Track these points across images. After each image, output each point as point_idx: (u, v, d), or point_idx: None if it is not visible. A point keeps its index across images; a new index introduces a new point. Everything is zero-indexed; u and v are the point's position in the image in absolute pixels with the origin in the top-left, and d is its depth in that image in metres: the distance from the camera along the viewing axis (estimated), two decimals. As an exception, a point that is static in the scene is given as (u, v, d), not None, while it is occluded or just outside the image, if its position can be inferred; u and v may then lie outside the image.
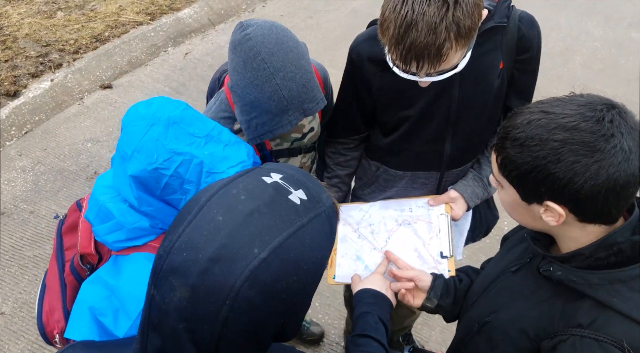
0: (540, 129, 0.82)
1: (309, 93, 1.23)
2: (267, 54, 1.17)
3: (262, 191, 0.65)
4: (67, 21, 4.35)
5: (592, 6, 5.52)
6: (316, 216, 0.66)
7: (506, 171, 0.88)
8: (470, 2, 1.06)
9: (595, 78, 4.37)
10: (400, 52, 1.10)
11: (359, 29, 1.52)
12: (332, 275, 1.50)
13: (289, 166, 0.73)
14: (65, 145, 3.42)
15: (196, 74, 4.09)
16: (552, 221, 0.87)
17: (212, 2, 4.84)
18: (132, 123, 1.12)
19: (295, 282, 0.62)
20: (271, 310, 0.62)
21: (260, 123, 1.23)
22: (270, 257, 0.60)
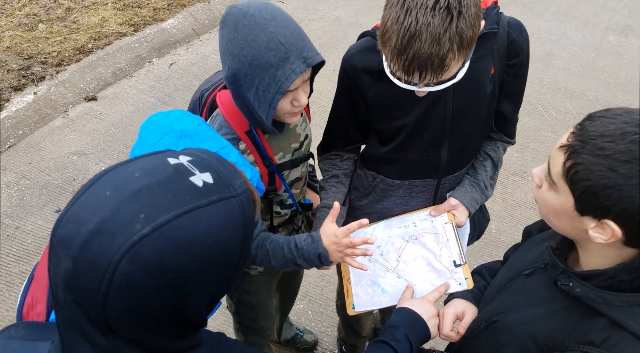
0: (637, 146, 0.74)
1: (305, 43, 1.20)
2: (256, 10, 1.16)
3: (159, 171, 0.65)
4: (49, 33, 4.31)
5: (569, 11, 5.65)
6: (220, 200, 0.66)
7: (575, 178, 0.80)
8: (473, 13, 1.07)
9: (575, 81, 4.46)
10: (403, 63, 1.10)
11: (343, 37, 1.54)
12: (351, 304, 1.48)
13: (205, 151, 0.73)
14: (50, 159, 3.38)
15: (182, 85, 4.08)
16: (599, 238, 0.81)
17: (196, 13, 4.84)
18: (148, 130, 1.16)
19: (185, 262, 0.62)
20: (156, 289, 0.61)
21: (266, 87, 1.18)
22: (154, 234, 0.60)
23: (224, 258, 0.67)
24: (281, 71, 1.17)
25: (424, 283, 1.44)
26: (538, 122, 3.90)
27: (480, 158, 1.59)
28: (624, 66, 4.72)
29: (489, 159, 1.58)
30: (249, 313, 1.83)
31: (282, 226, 1.63)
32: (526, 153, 3.62)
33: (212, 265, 0.65)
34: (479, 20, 1.12)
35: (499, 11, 1.35)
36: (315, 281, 2.72)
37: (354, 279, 1.53)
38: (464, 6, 1.06)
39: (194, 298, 0.67)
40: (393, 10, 1.09)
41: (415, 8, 1.05)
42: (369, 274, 1.50)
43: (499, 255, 2.93)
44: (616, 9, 5.77)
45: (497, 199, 3.26)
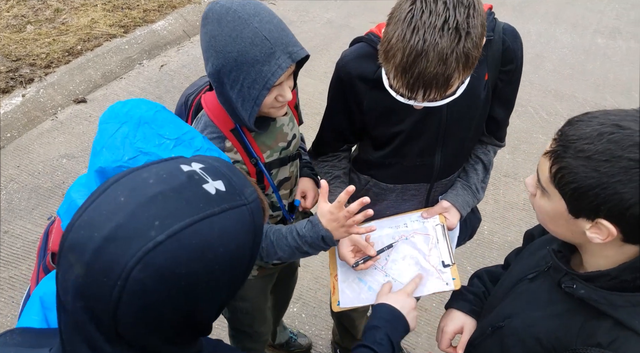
0: (614, 145, 0.77)
1: (290, 37, 1.19)
2: (239, 6, 1.15)
3: (173, 177, 0.65)
4: (37, 35, 4.26)
5: (558, 14, 5.70)
6: (232, 208, 0.66)
7: (562, 182, 0.83)
8: (479, 33, 1.07)
9: (565, 83, 4.50)
10: (407, 81, 1.09)
11: (335, 39, 1.53)
12: (337, 301, 1.48)
13: (217, 159, 0.73)
14: (39, 162, 3.33)
15: (173, 86, 4.05)
16: (596, 239, 0.83)
17: (187, 14, 4.82)
18: (106, 121, 1.13)
19: (198, 269, 0.62)
20: (168, 296, 0.61)
21: (251, 83, 1.18)
22: (169, 241, 0.59)
23: (235, 265, 0.67)
24: (267, 66, 1.16)
25: None
26: (529, 124, 3.92)
27: (472, 161, 1.60)
28: (613, 68, 4.77)
29: (480, 163, 1.59)
30: (244, 318, 1.81)
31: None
32: (517, 155, 3.64)
33: (223, 272, 0.65)
34: (484, 38, 1.11)
35: (494, 17, 1.35)
36: (309, 284, 2.70)
37: (341, 276, 1.53)
38: (472, 26, 1.04)
39: (204, 305, 0.66)
40: (399, 27, 1.06)
41: (423, 27, 1.03)
42: (356, 271, 1.50)
43: (491, 255, 2.95)
44: (604, 12, 5.83)
45: (489, 200, 3.28)
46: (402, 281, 1.45)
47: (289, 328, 2.44)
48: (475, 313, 1.28)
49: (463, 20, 1.04)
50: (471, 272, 2.89)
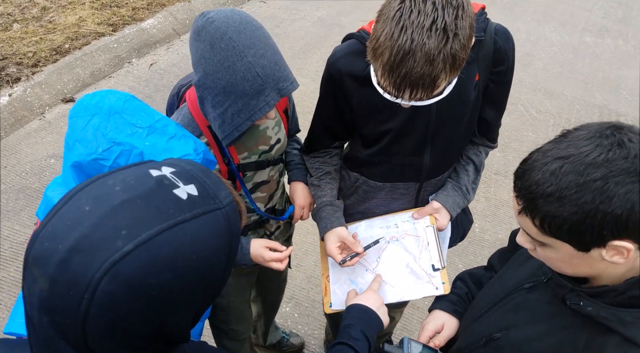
0: (571, 176, 0.76)
1: (282, 72, 1.19)
2: (234, 33, 1.13)
3: (141, 183, 0.62)
4: (24, 33, 4.20)
5: (547, 12, 5.74)
6: (205, 213, 0.64)
7: (552, 229, 0.81)
8: (467, 34, 1.06)
9: (555, 81, 4.52)
10: (394, 80, 1.09)
11: (326, 37, 1.53)
12: (329, 303, 1.49)
13: (190, 162, 0.71)
14: (27, 162, 3.29)
15: (162, 85, 4.02)
16: (619, 259, 0.79)
17: (176, 12, 4.78)
18: (76, 115, 1.11)
19: (169, 279, 0.59)
20: (138, 307, 0.59)
21: (236, 112, 1.17)
22: (137, 251, 0.57)
23: (210, 272, 0.65)
24: (255, 101, 1.17)
25: (401, 284, 1.45)
26: (519, 122, 3.94)
27: (463, 162, 1.60)
28: (601, 66, 4.80)
29: (472, 164, 1.59)
30: (220, 314, 1.79)
31: (252, 230, 1.60)
32: (508, 153, 3.66)
33: (197, 279, 0.63)
34: (472, 40, 1.11)
35: (486, 17, 1.34)
36: (301, 283, 2.70)
37: (332, 277, 1.53)
38: (460, 28, 1.04)
39: (178, 314, 0.64)
40: (387, 25, 1.06)
41: (411, 27, 1.03)
42: (347, 272, 1.51)
43: (483, 253, 2.96)
44: (592, 10, 5.88)
45: (481, 198, 3.29)
46: (392, 284, 1.45)
47: (281, 328, 2.42)
48: (458, 313, 1.28)
49: (451, 21, 1.03)
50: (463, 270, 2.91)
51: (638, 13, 5.94)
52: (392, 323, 2.25)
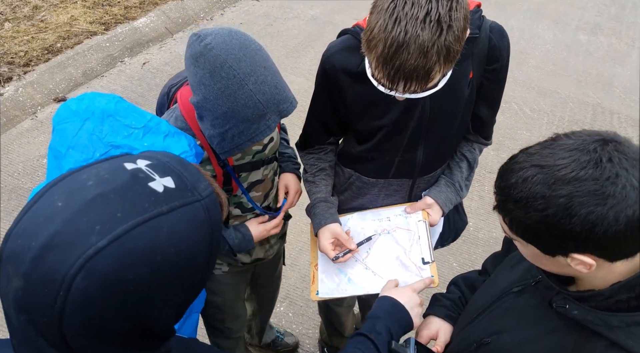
0: (539, 186, 0.78)
1: (281, 94, 1.19)
2: (234, 61, 1.12)
3: (115, 177, 0.61)
4: (15, 32, 4.17)
5: (540, 10, 5.75)
6: (183, 206, 0.63)
7: (519, 231, 0.84)
8: (461, 26, 1.06)
9: (548, 79, 4.53)
10: (388, 73, 1.09)
11: (319, 36, 1.52)
12: (315, 291, 1.48)
13: (166, 154, 0.70)
14: (19, 162, 3.26)
15: (155, 84, 4.00)
16: (583, 269, 0.81)
17: (169, 11, 4.75)
18: (64, 121, 1.08)
19: (146, 274, 0.59)
20: (116, 303, 0.58)
21: (237, 133, 1.18)
22: (111, 246, 0.56)
23: (190, 266, 0.64)
24: (256, 125, 1.17)
25: (390, 276, 1.44)
26: (513, 120, 3.95)
27: (457, 159, 1.60)
28: (595, 64, 4.82)
29: (465, 160, 1.59)
30: (215, 313, 1.79)
31: None
32: (502, 151, 3.66)
33: (176, 273, 0.62)
34: (466, 32, 1.11)
35: (481, 15, 1.34)
36: (295, 282, 2.69)
37: (321, 266, 1.53)
38: (454, 20, 1.04)
39: (158, 310, 0.63)
40: (381, 17, 1.06)
41: (405, 18, 1.03)
42: (336, 264, 1.51)
43: (477, 252, 2.96)
44: (585, 8, 5.90)
45: (474, 197, 3.29)
46: (381, 275, 1.45)
47: (276, 327, 2.42)
48: (452, 318, 1.27)
49: (445, 13, 1.03)
50: (457, 268, 2.91)
51: (631, 11, 5.96)
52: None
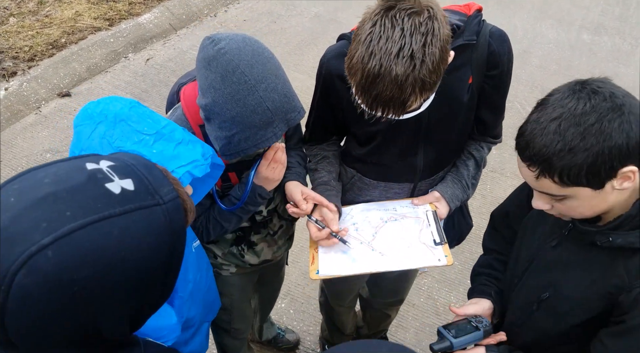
0: (572, 129, 0.89)
1: (290, 103, 1.20)
2: (247, 67, 1.13)
3: (71, 176, 0.61)
4: (20, 27, 4.18)
5: (544, 9, 5.73)
6: (139, 209, 0.62)
7: (571, 178, 0.92)
8: (437, 58, 1.07)
9: (551, 79, 4.52)
10: (367, 100, 1.12)
11: (322, 33, 1.53)
12: (315, 270, 1.45)
13: (134, 156, 0.69)
14: (23, 157, 3.28)
15: (159, 80, 4.01)
16: (628, 185, 0.93)
17: (173, 7, 4.76)
18: (81, 123, 1.09)
19: (92, 276, 0.57)
20: (57, 303, 0.57)
21: (244, 138, 1.19)
22: (56, 244, 0.55)
23: (144, 271, 0.63)
24: (263, 132, 1.18)
25: (401, 255, 1.42)
26: (516, 119, 3.95)
27: (464, 157, 1.60)
28: (598, 64, 4.81)
29: (472, 159, 1.59)
30: (222, 315, 1.80)
31: (255, 231, 1.60)
32: (504, 150, 3.66)
33: (128, 278, 0.61)
34: (445, 63, 1.12)
35: (481, 20, 1.34)
36: (297, 279, 2.70)
37: (322, 248, 1.50)
38: (428, 54, 1.05)
39: (104, 314, 0.62)
40: (359, 48, 1.08)
41: (380, 53, 1.05)
42: (340, 245, 1.47)
43: (478, 251, 2.91)
44: (589, 8, 5.88)
45: (477, 196, 3.29)
46: (389, 255, 1.43)
47: (277, 324, 2.43)
48: (484, 293, 1.32)
49: (419, 48, 1.04)
50: (459, 267, 2.92)
51: (635, 10, 5.94)
52: (387, 320, 2.27)
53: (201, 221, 1.43)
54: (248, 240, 1.61)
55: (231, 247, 1.61)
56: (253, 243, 1.62)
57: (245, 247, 1.62)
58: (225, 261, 1.65)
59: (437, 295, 2.72)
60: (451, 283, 2.76)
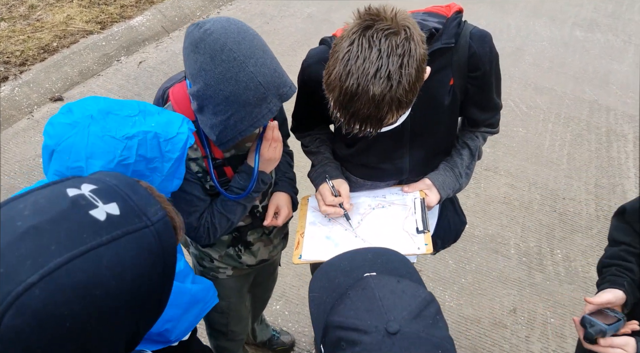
0: None
1: (281, 78, 1.20)
2: (234, 44, 1.13)
3: (53, 205, 0.58)
4: (11, 32, 4.16)
5: (537, 7, 5.74)
6: (128, 233, 0.60)
7: None
8: (413, 78, 1.08)
9: (545, 76, 4.53)
10: (345, 116, 1.14)
11: (315, 34, 1.53)
12: (298, 255, 1.46)
13: (116, 176, 0.67)
14: (15, 162, 3.26)
15: (152, 83, 3.99)
16: None
17: (165, 10, 4.75)
18: (66, 137, 1.04)
19: (85, 309, 0.56)
20: (50, 339, 0.55)
21: (240, 119, 1.18)
22: (43, 282, 0.54)
23: (138, 296, 0.62)
24: (258, 108, 1.17)
25: (380, 243, 1.41)
26: (509, 117, 3.95)
27: (458, 147, 1.60)
28: (591, 61, 4.82)
29: (467, 148, 1.59)
30: (219, 318, 1.79)
31: (251, 230, 1.60)
32: (498, 148, 3.67)
33: (122, 305, 0.60)
34: (420, 81, 1.13)
35: (461, 21, 1.33)
36: (292, 281, 2.70)
37: (308, 233, 1.51)
38: (404, 75, 1.06)
39: (104, 342, 0.60)
40: (337, 66, 1.09)
41: (357, 72, 1.06)
42: (325, 230, 1.50)
43: (473, 249, 2.97)
44: (582, 5, 5.89)
45: (470, 194, 3.30)
46: (371, 243, 1.44)
47: (272, 326, 2.43)
48: (617, 284, 1.32)
49: (395, 69, 1.05)
50: (453, 266, 2.92)
51: (628, 7, 5.96)
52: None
53: (205, 218, 1.42)
54: (245, 240, 1.60)
55: (228, 249, 1.60)
56: (250, 243, 1.62)
57: (242, 248, 1.61)
58: (222, 264, 1.65)
59: (432, 294, 2.72)
60: (445, 281, 2.76)
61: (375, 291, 0.76)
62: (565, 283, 2.80)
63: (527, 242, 3.02)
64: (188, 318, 1.18)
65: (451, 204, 1.76)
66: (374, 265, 0.85)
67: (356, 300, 0.77)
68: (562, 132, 3.89)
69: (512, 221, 3.14)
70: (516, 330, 2.56)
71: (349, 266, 0.86)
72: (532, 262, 2.91)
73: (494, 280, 2.79)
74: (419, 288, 0.79)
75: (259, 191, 1.44)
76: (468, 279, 2.79)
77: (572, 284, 2.79)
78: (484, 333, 2.54)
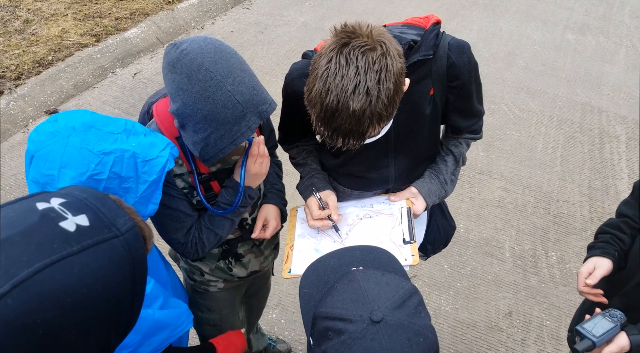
0: None
1: (260, 95, 1.21)
2: (211, 63, 1.14)
3: (23, 219, 0.61)
4: (6, 46, 4.19)
5: (529, 11, 5.79)
6: (97, 244, 0.62)
7: None
8: (392, 92, 1.10)
9: (537, 80, 4.56)
10: (327, 131, 1.16)
11: (310, 42, 1.54)
12: (287, 269, 1.48)
13: (85, 189, 0.69)
14: (11, 176, 3.28)
15: (147, 94, 4.02)
16: None
17: (160, 21, 4.78)
18: (44, 145, 1.05)
19: (57, 317, 0.57)
20: (24, 348, 0.56)
21: (219, 137, 1.18)
22: (14, 291, 0.55)
23: (110, 304, 0.63)
24: (237, 127, 1.18)
25: None
26: (502, 121, 3.98)
27: (442, 154, 1.62)
28: (583, 64, 4.85)
29: (451, 155, 1.61)
30: (211, 330, 1.79)
31: (241, 242, 1.60)
32: (492, 152, 3.69)
33: (93, 313, 0.61)
34: (400, 93, 1.15)
35: (438, 33, 1.35)
36: (287, 289, 2.71)
37: (297, 246, 1.53)
38: (382, 90, 1.08)
39: (77, 350, 0.62)
40: (317, 83, 1.11)
41: (336, 89, 1.08)
42: (314, 242, 1.51)
43: (468, 253, 2.98)
44: (573, 8, 5.94)
45: (465, 198, 3.31)
46: None
47: (268, 334, 2.43)
48: (608, 254, 1.45)
49: (373, 85, 1.07)
50: (448, 270, 2.93)
51: (618, 10, 6.01)
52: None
53: (193, 233, 1.42)
54: (235, 253, 1.61)
55: (218, 262, 1.60)
56: (240, 255, 1.62)
57: (233, 260, 1.62)
58: (213, 277, 1.65)
59: (427, 298, 2.72)
60: (441, 286, 2.77)
61: (361, 282, 0.80)
62: (560, 285, 2.81)
63: (521, 245, 3.03)
64: (151, 343, 1.17)
65: (440, 209, 1.78)
66: (362, 261, 0.89)
67: (343, 291, 0.81)
68: (555, 134, 3.92)
69: (506, 224, 3.16)
70: (512, 333, 2.57)
71: (337, 263, 0.91)
72: (527, 265, 2.92)
73: (489, 284, 2.80)
74: (403, 281, 0.83)
75: (245, 205, 1.44)
76: (463, 283, 2.79)
77: (567, 286, 2.80)
78: (480, 337, 2.55)
